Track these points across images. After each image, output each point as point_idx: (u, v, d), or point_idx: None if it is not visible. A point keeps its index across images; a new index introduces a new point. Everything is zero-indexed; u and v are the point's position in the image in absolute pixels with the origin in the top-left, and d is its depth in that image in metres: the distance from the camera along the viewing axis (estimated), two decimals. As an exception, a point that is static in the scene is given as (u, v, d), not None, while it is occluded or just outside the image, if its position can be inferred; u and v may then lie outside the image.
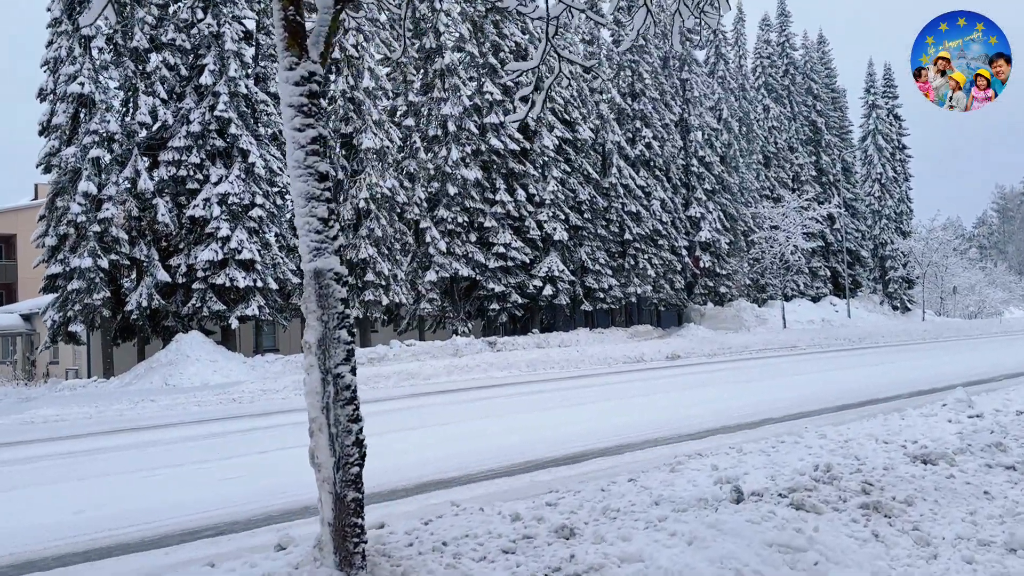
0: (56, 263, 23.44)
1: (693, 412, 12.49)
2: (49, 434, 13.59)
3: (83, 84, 23.49)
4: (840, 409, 12.33)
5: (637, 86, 41.70)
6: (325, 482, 3.93)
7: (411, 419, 13.27)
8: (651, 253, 40.82)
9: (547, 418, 12.59)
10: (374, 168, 29.09)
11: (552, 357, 24.82)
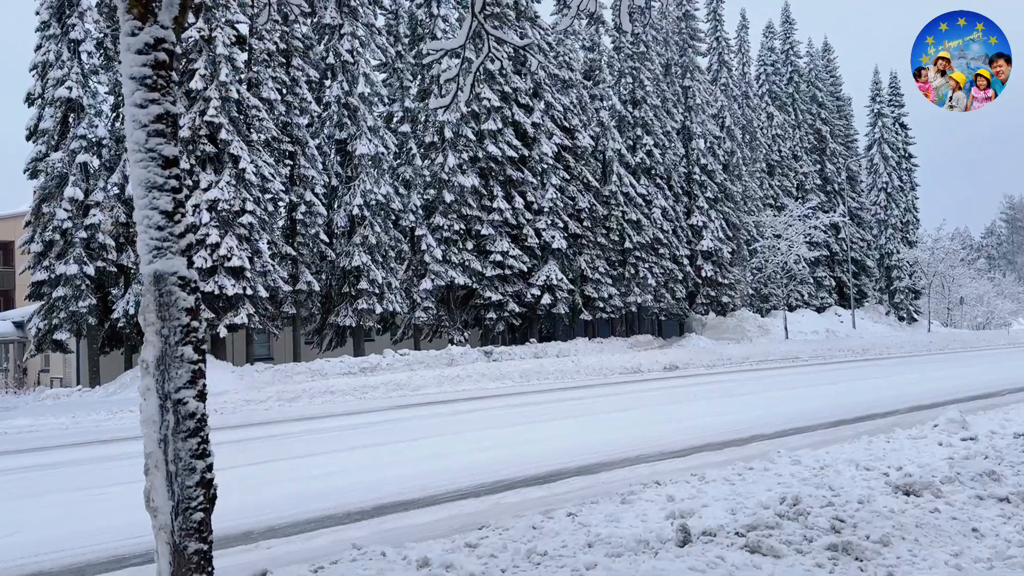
0: (42, 270, 23.08)
1: (683, 427, 11.97)
2: (15, 446, 13.14)
3: (71, 88, 23.19)
4: (835, 425, 11.79)
5: (638, 93, 41.26)
6: (161, 530, 3.32)
7: (389, 433, 12.78)
8: (652, 262, 40.29)
9: (529, 432, 12.08)
10: (368, 175, 28.69)
11: (546, 368, 24.31)
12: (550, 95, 35.95)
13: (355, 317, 28.44)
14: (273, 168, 26.48)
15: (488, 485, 8.27)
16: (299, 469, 9.55)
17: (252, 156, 25.71)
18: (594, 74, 40.10)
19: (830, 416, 12.73)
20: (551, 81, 36.63)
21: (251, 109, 26.16)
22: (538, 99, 35.73)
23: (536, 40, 36.53)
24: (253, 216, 25.23)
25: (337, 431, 13.31)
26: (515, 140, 34.49)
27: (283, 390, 19.92)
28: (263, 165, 26.00)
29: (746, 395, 17.25)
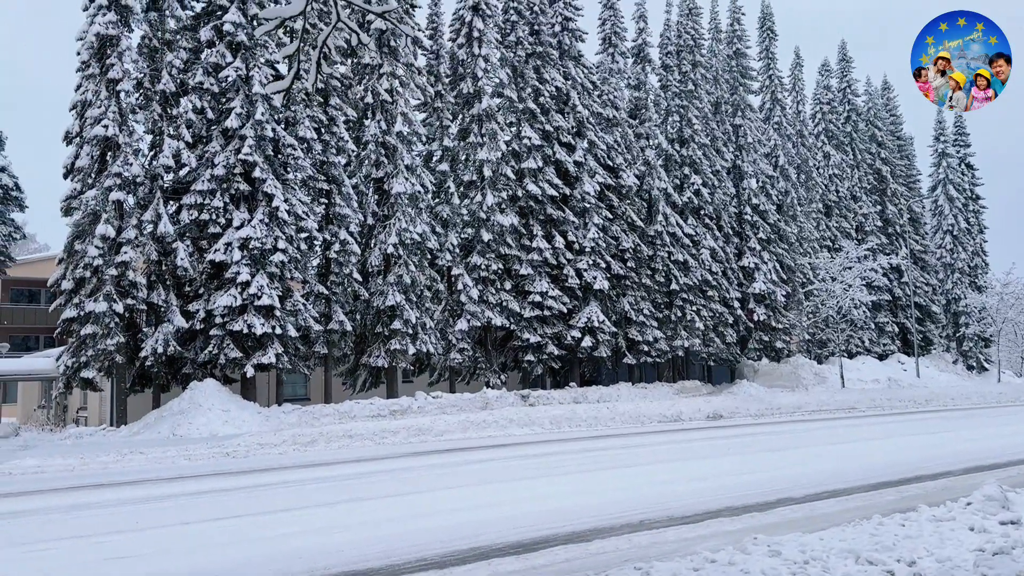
0: (72, 307, 23.03)
1: (707, 486, 10.78)
2: (7, 489, 12.64)
3: (107, 127, 23.34)
4: (877, 488, 10.45)
5: (686, 131, 40.27)
6: None
7: (384, 485, 11.87)
8: (700, 304, 38.84)
9: (533, 488, 11.04)
10: (404, 213, 28.25)
11: (580, 414, 23.14)
12: (593, 133, 35.25)
13: (388, 358, 27.78)
14: (307, 206, 26.23)
15: (460, 553, 7.28)
16: (264, 527, 8.70)
17: (286, 194, 25.51)
18: (640, 112, 39.31)
19: (875, 476, 11.36)
20: (595, 120, 35.96)
21: (287, 148, 26.04)
22: (581, 138, 35.05)
23: (580, 79, 36.02)
24: (285, 254, 24.92)
25: (332, 481, 12.46)
26: (556, 179, 33.81)
27: (300, 433, 19.22)
28: (297, 203, 25.76)
29: (788, 449, 15.85)
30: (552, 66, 35.03)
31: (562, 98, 35.34)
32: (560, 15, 36.46)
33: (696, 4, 43.04)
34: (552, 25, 36.15)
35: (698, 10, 43.04)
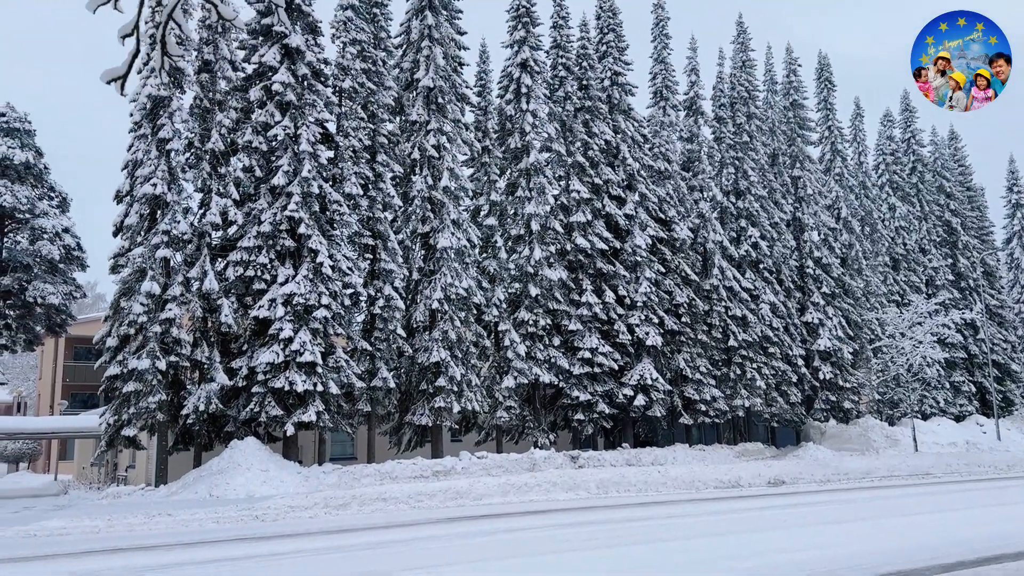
0: (116, 364, 23.07)
1: (750, 566, 9.65)
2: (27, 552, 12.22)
3: (156, 185, 23.66)
4: (949, 569, 9.16)
5: (742, 183, 39.25)
6: None
7: (401, 558, 11.03)
8: (760, 362, 37.21)
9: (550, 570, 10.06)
10: (450, 268, 27.85)
11: (629, 478, 21.92)
12: (644, 186, 34.56)
13: (432, 416, 27.08)
14: (353, 262, 26.05)
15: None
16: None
17: (331, 250, 25.39)
18: (693, 165, 38.54)
19: (948, 554, 10.03)
20: (646, 172, 35.31)
21: (333, 204, 26.04)
22: (632, 191, 34.39)
23: (630, 133, 35.54)
24: (328, 310, 24.65)
25: (349, 552, 11.69)
26: (606, 232, 33.11)
27: (333, 496, 18.53)
28: (342, 259, 25.60)
29: (854, 521, 14.46)
30: (601, 120, 34.66)
31: (612, 151, 34.86)
32: (609, 70, 36.24)
33: (750, 57, 42.44)
34: (601, 80, 35.93)
35: (752, 62, 42.41)
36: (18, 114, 34.52)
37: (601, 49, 36.68)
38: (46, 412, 46.30)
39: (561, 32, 35.74)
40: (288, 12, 26.49)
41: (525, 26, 33.41)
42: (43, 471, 46.11)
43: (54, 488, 29.84)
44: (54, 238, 35.39)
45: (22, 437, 38.08)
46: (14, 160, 33.76)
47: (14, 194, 33.55)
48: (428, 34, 29.84)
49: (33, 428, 33.81)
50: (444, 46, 30.12)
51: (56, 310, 35.97)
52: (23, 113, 34.74)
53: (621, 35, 37.16)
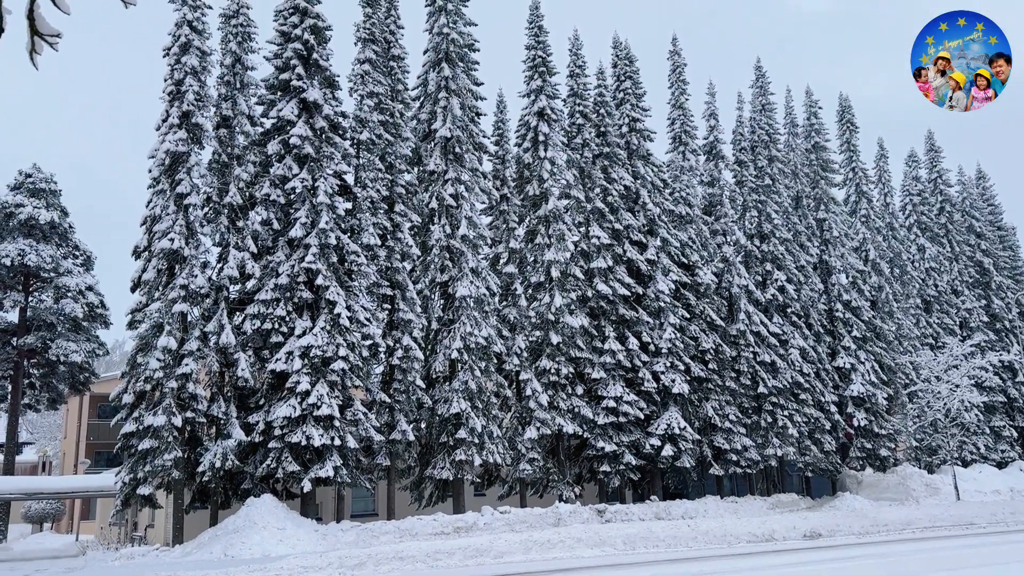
0: (131, 421, 22.75)
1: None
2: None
3: (173, 240, 23.63)
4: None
5: (765, 227, 38.66)
6: None
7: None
8: (792, 409, 36.11)
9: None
10: (469, 317, 27.44)
11: (656, 533, 21.00)
12: (666, 231, 34.11)
13: (453, 469, 26.38)
14: (371, 312, 25.75)
15: None
16: None
17: (349, 301, 25.13)
18: (715, 209, 38.11)
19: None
20: (667, 217, 34.90)
21: (351, 255, 25.87)
22: (653, 235, 33.96)
23: (650, 178, 35.27)
24: (346, 362, 24.28)
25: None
26: (627, 278, 32.61)
27: (348, 555, 17.87)
28: (360, 310, 25.31)
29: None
30: (620, 165, 34.45)
31: (631, 197, 34.56)
32: (627, 116, 36.17)
33: (769, 100, 42.24)
34: (619, 126, 35.84)
35: (771, 105, 42.20)
36: (44, 175, 35.08)
37: (618, 96, 36.68)
38: (70, 471, 46.10)
39: (578, 80, 35.82)
40: (306, 67, 26.75)
41: (542, 75, 33.52)
42: (66, 531, 45.72)
43: (72, 549, 29.36)
44: (78, 296, 35.60)
45: (44, 497, 37.78)
46: (40, 220, 34.18)
47: (39, 253, 33.89)
48: (445, 85, 29.98)
49: (55, 488, 33.50)
50: (461, 97, 30.21)
51: (79, 368, 36.01)
52: (49, 174, 35.31)
53: (638, 82, 37.17)
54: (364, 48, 28.78)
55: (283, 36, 26.99)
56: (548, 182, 31.75)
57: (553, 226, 31.23)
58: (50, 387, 36.53)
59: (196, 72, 25.21)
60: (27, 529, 45.80)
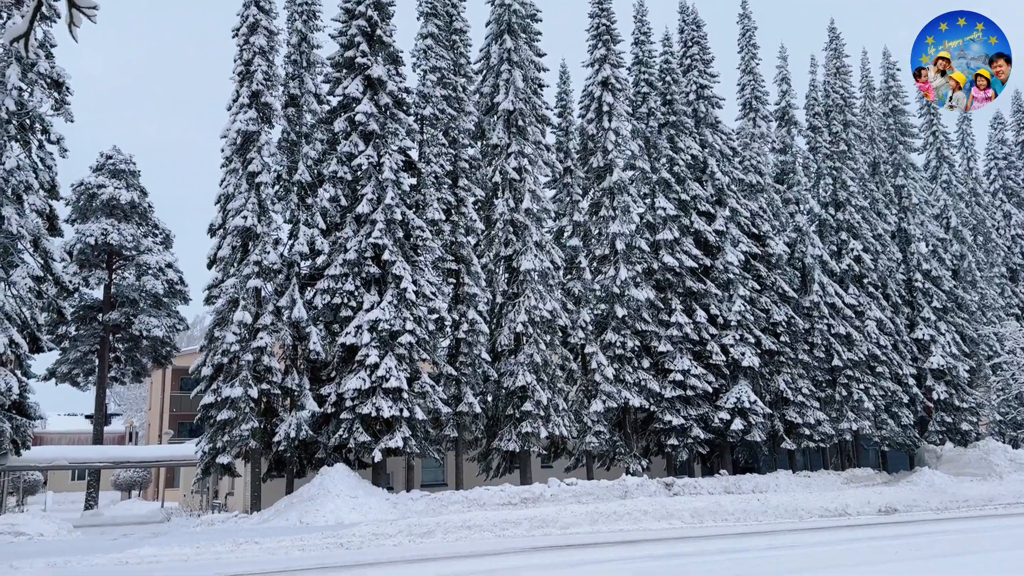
0: (210, 393, 23.60)
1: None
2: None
3: (247, 218, 24.26)
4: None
5: (840, 194, 37.41)
6: None
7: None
8: (868, 382, 35.12)
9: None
10: (533, 291, 27.46)
11: (724, 507, 20.79)
12: (735, 200, 33.36)
13: (519, 441, 26.59)
14: (436, 287, 26.02)
15: None
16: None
17: (415, 275, 25.44)
18: (787, 177, 37.04)
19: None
20: (736, 186, 34.09)
21: (416, 230, 26.13)
22: (721, 205, 33.25)
23: (718, 146, 34.47)
24: (413, 335, 24.65)
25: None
26: (695, 249, 32.05)
27: (417, 524, 18.23)
28: (426, 284, 25.60)
29: (975, 553, 13.11)
30: (687, 134, 33.74)
31: (699, 166, 33.86)
32: (695, 83, 35.35)
33: (844, 63, 40.67)
34: (686, 94, 35.06)
35: (846, 69, 40.63)
36: (123, 156, 36.35)
37: (685, 63, 35.85)
38: (155, 441, 48.24)
39: (643, 48, 35.14)
40: (370, 44, 26.95)
41: (605, 44, 32.98)
42: (152, 498, 47.93)
43: (159, 515, 30.78)
44: (158, 273, 36.96)
45: (130, 465, 39.65)
46: (121, 200, 35.50)
47: (121, 232, 35.24)
48: (507, 58, 29.80)
49: (140, 457, 35.15)
50: (523, 69, 30.00)
51: (161, 342, 37.48)
52: (128, 155, 36.57)
53: (706, 47, 36.24)
54: (426, 22, 28.81)
55: (347, 13, 27.23)
56: (612, 153, 31.35)
57: (618, 198, 30.88)
58: (134, 361, 38.16)
59: (264, 52, 25.65)
60: (116, 496, 48.19)
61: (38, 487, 46.69)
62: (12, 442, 23.04)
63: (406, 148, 27.07)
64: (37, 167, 24.88)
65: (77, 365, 36.54)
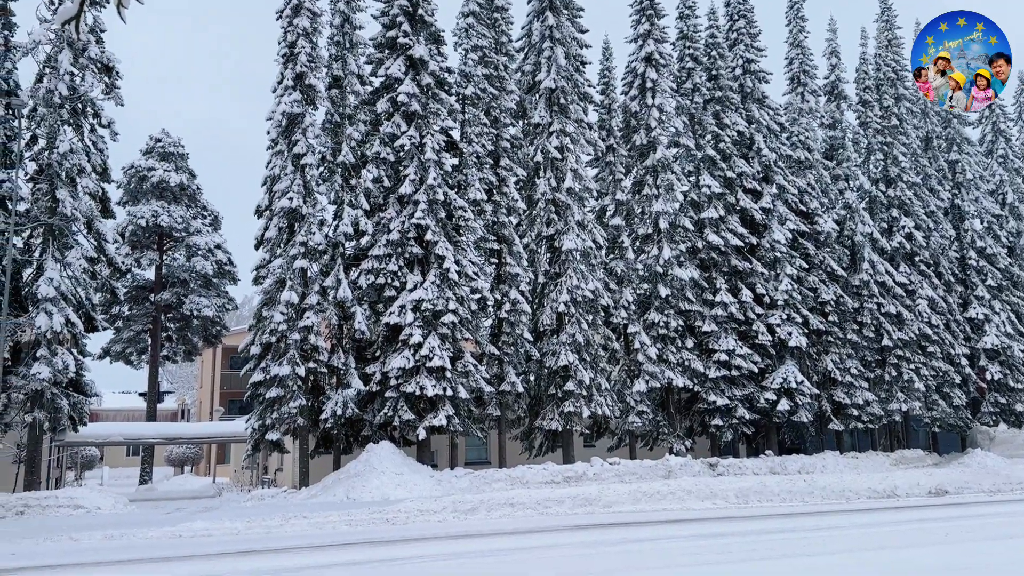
0: (259, 371, 24.07)
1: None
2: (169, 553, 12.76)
3: (292, 199, 24.56)
4: None
5: (891, 170, 36.49)
6: None
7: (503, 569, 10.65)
8: (919, 362, 34.40)
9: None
10: (576, 270, 27.37)
11: (770, 487, 20.61)
12: (782, 177, 32.73)
13: (562, 421, 26.65)
14: (478, 267, 26.10)
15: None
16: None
17: (457, 255, 25.53)
18: (836, 153, 36.21)
19: None
20: (783, 163, 33.43)
21: (458, 210, 26.19)
22: (768, 183, 32.68)
23: (765, 122, 33.82)
24: (455, 315, 24.79)
25: (465, 558, 11.44)
26: (740, 228, 31.58)
27: (462, 500, 18.45)
28: (467, 264, 25.70)
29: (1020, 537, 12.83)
30: (733, 110, 33.15)
31: (745, 143, 33.28)
32: (741, 57, 34.66)
33: (896, 35, 39.51)
34: (732, 69, 34.41)
35: (898, 41, 39.46)
36: (172, 139, 37.03)
37: (731, 37, 35.16)
38: (206, 418, 49.48)
39: (688, 23, 34.54)
40: (412, 23, 26.94)
41: (649, 19, 32.49)
42: (204, 474, 49.27)
43: (211, 490, 31.65)
44: (207, 254, 37.75)
45: (182, 442, 40.75)
46: (170, 182, 36.25)
47: (171, 214, 36.02)
48: (549, 35, 29.55)
49: (192, 433, 36.08)
50: (565, 46, 29.73)
51: (211, 321, 38.34)
52: (176, 138, 37.24)
53: (752, 21, 35.48)
54: (468, 0, 28.68)
55: (389, -7, 27.22)
56: (656, 130, 30.97)
57: (661, 176, 30.54)
58: (185, 340, 39.13)
59: (308, 33, 25.81)
60: (169, 471, 49.62)
61: (95, 462, 48.32)
62: (70, 419, 23.80)
63: (448, 128, 27.07)
64: (89, 151, 25.46)
65: (130, 344, 37.59)
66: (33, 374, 22.33)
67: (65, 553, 12.57)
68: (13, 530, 15.96)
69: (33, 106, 24.53)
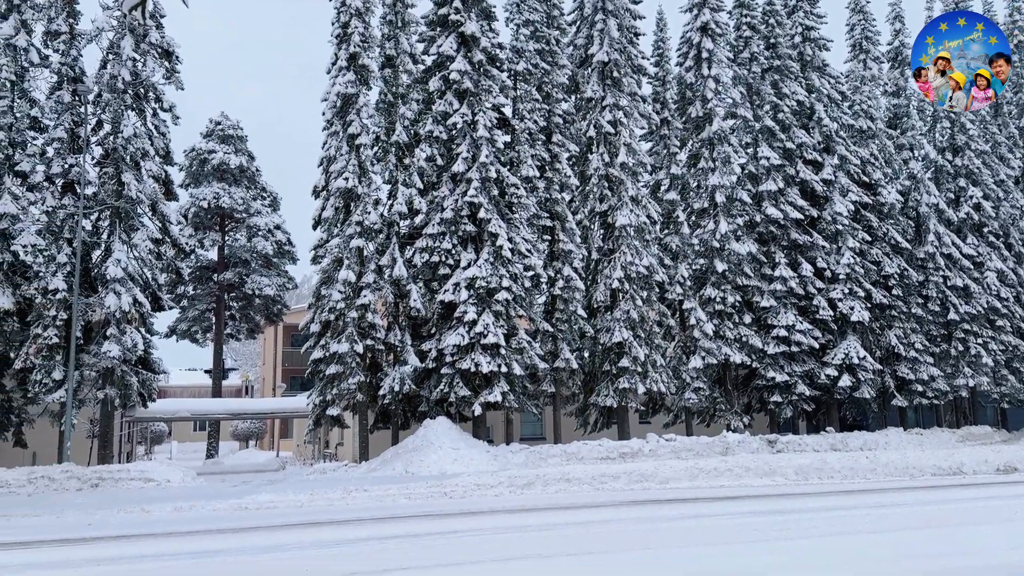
0: (319, 348, 24.58)
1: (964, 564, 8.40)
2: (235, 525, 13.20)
3: (348, 179, 24.86)
4: None
5: (959, 138, 35.18)
6: None
7: (558, 543, 10.72)
8: (987, 336, 33.34)
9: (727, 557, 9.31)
10: (629, 246, 27.16)
11: (831, 464, 20.26)
12: (844, 147, 31.83)
13: (617, 397, 26.61)
14: (531, 244, 26.10)
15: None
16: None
17: (510, 233, 25.57)
18: (901, 121, 35.08)
19: None
20: (845, 132, 32.48)
21: (510, 187, 26.18)
22: (829, 153, 31.83)
23: (826, 91, 32.86)
24: (509, 292, 24.88)
25: (523, 531, 11.56)
26: (800, 200, 30.87)
27: (518, 475, 18.61)
28: (521, 241, 25.72)
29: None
30: (792, 79, 32.28)
31: (805, 113, 32.42)
32: (800, 25, 33.68)
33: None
34: (791, 36, 33.47)
35: (966, 3, 37.82)
36: (231, 122, 37.76)
37: (789, 4, 34.16)
38: (269, 394, 50.83)
39: (744, -10, 33.68)
40: (463, 0, 26.86)
41: (704, -12, 31.76)
42: (268, 448, 50.67)
43: (274, 464, 32.54)
44: (267, 235, 38.55)
45: (246, 417, 41.94)
46: (230, 164, 37.03)
47: (231, 196, 36.84)
48: (601, 7, 29.15)
49: (255, 409, 37.12)
50: (618, 17, 29.30)
51: (272, 300, 39.23)
52: (235, 120, 37.96)
53: (812, -14, 34.42)
54: (519, -25, 28.43)
55: (440, -30, 27.17)
56: (712, 102, 30.38)
57: (718, 148, 30.00)
58: (248, 318, 40.14)
59: (360, 13, 25.95)
60: (235, 446, 51.13)
61: (163, 437, 50.11)
62: (139, 395, 24.69)
63: (500, 105, 27.01)
64: (152, 134, 26.13)
65: (195, 323, 38.70)
66: (104, 352, 23.19)
67: (137, 524, 13.10)
68: (89, 501, 16.69)
69: (98, 92, 25.24)
